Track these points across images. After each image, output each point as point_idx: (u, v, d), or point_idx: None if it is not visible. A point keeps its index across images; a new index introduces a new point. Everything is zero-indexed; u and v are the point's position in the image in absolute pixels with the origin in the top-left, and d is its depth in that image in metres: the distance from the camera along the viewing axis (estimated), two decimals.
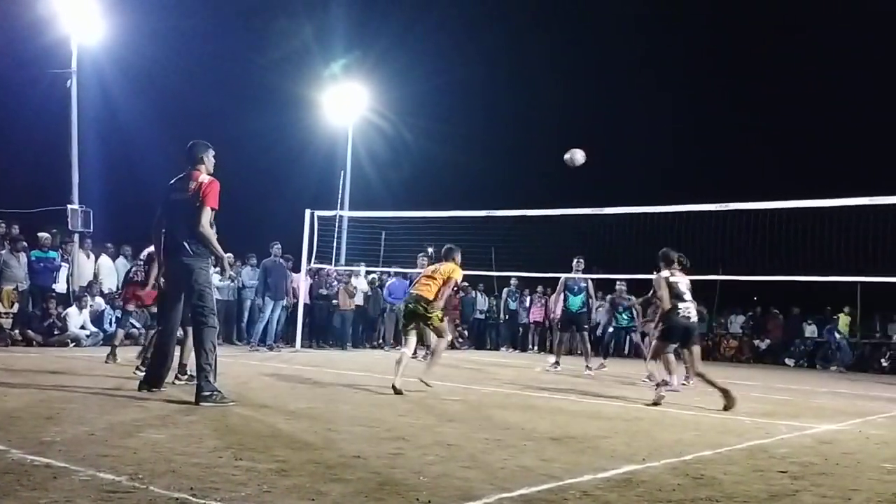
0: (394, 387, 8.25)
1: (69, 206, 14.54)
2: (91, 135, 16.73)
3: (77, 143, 15.16)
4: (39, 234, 13.82)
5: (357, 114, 21.71)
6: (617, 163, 27.94)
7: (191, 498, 3.40)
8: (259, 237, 17.10)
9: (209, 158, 7.08)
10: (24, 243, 13.63)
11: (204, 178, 6.88)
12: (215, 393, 6.49)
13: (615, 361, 16.42)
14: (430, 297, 8.74)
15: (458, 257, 9.21)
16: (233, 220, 19.47)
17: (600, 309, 17.86)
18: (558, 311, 13.60)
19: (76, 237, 14.75)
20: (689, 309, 8.80)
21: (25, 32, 15.95)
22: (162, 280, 7.42)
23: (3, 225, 13.66)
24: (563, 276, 13.17)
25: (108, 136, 18.50)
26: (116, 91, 18.50)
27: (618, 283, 14.27)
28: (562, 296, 13.27)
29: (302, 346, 15.90)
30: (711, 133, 27.88)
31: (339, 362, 12.63)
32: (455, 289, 12.13)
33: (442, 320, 9.02)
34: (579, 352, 14.64)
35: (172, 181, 7.00)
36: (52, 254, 13.86)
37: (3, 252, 13.20)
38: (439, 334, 9.08)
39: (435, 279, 8.89)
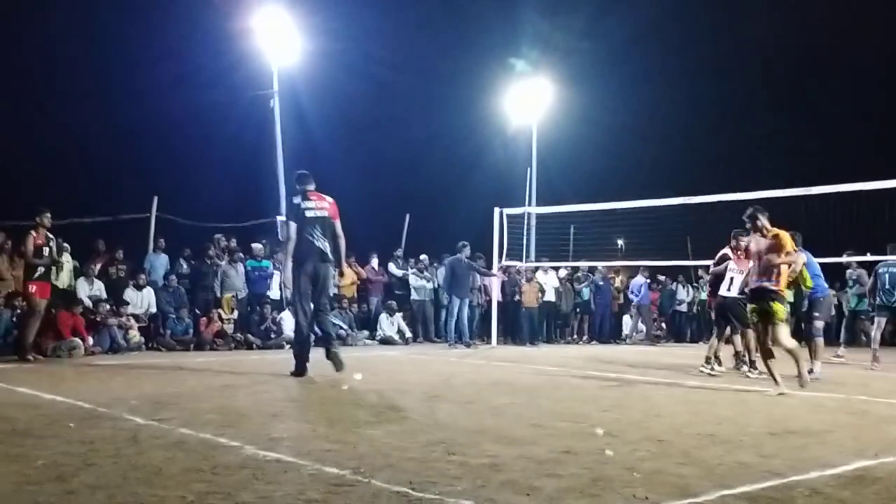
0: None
1: (278, 218, 15.52)
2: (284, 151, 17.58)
3: (282, 159, 16.16)
4: (253, 245, 14.90)
5: (542, 109, 21.59)
6: (827, 140, 26.20)
7: (411, 491, 3.52)
8: (447, 237, 17.48)
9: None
10: (241, 254, 14.76)
11: (329, 199, 8.61)
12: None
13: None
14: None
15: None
16: (424, 222, 20.11)
17: None
18: None
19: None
20: None
21: (228, 57, 17.19)
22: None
23: (223, 239, 14.84)
24: None
25: (299, 150, 19.53)
26: (307, 106, 19.49)
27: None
28: None
29: (497, 343, 16.08)
30: None
31: (536, 358, 12.64)
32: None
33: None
34: None
35: (299, 200, 8.48)
36: (265, 263, 14.90)
37: (223, 263, 14.35)
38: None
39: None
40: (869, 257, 14.14)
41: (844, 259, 14.80)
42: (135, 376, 8.77)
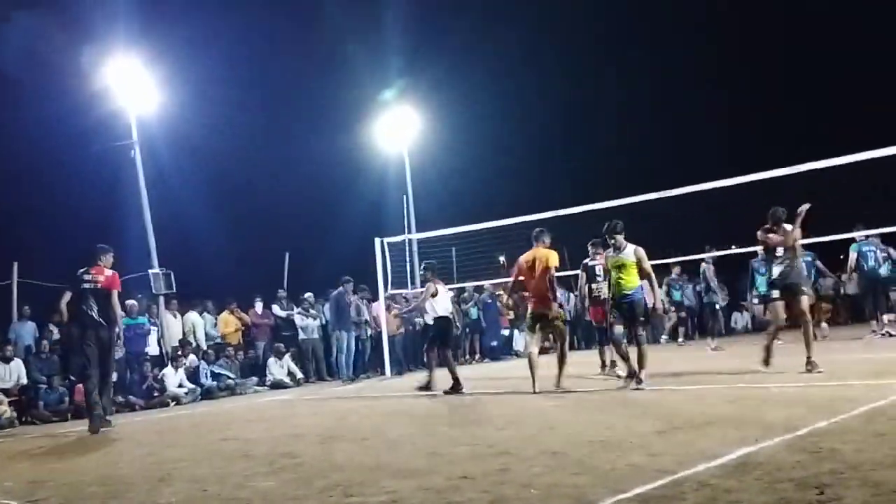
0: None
1: (150, 271, 14.94)
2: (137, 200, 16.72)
3: (149, 210, 15.58)
4: (127, 302, 14.24)
5: (412, 137, 21.73)
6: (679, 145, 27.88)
7: None
8: (330, 271, 17.31)
9: (107, 258, 9.75)
10: None
11: (109, 272, 9.67)
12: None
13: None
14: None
15: (548, 239, 9.60)
16: (305, 259, 19.81)
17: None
18: None
19: (161, 300, 15.14)
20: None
21: (83, 107, 16.47)
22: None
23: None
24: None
25: (164, 200, 18.71)
26: (168, 154, 18.75)
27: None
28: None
29: (392, 374, 15.96)
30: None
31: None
32: None
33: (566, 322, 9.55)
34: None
35: (81, 272, 9.57)
36: (140, 319, 14.27)
37: None
38: (562, 337, 9.46)
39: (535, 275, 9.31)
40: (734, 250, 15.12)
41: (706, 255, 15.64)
42: (7, 455, 8.20)
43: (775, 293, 9.25)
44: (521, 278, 9.66)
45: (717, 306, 16.10)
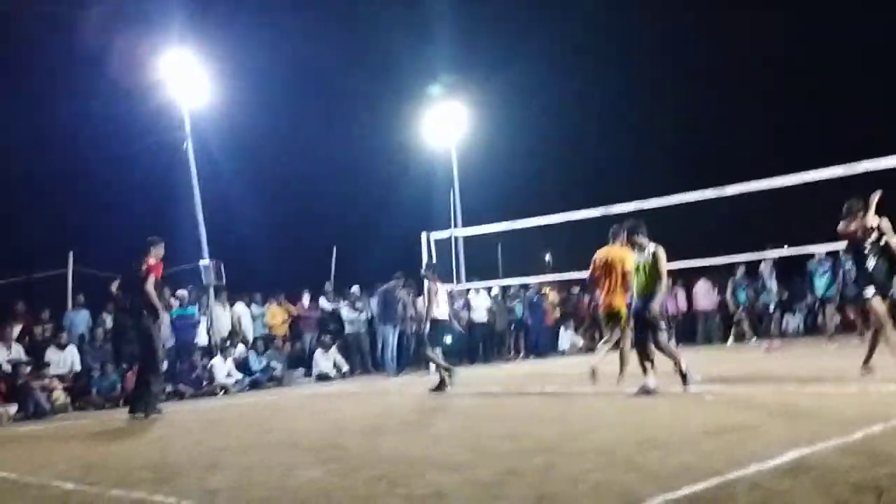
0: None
1: (201, 263, 15.16)
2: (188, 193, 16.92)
3: (201, 202, 15.78)
4: (177, 292, 14.51)
5: (460, 132, 21.62)
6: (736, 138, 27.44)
7: None
8: (377, 266, 17.40)
9: (156, 249, 9.82)
10: (168, 301, 14.32)
11: (152, 260, 9.73)
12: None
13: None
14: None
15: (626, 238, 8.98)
16: (352, 253, 19.96)
17: None
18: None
19: (211, 291, 15.34)
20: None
21: (137, 100, 16.78)
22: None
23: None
24: None
25: (216, 193, 18.94)
26: (221, 147, 18.98)
27: None
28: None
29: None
30: None
31: (475, 380, 12.59)
32: None
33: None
34: None
35: (132, 262, 9.81)
36: (190, 310, 14.51)
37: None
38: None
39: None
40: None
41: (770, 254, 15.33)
42: (62, 439, 8.42)
43: (871, 290, 8.22)
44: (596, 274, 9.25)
45: (771, 307, 15.81)
